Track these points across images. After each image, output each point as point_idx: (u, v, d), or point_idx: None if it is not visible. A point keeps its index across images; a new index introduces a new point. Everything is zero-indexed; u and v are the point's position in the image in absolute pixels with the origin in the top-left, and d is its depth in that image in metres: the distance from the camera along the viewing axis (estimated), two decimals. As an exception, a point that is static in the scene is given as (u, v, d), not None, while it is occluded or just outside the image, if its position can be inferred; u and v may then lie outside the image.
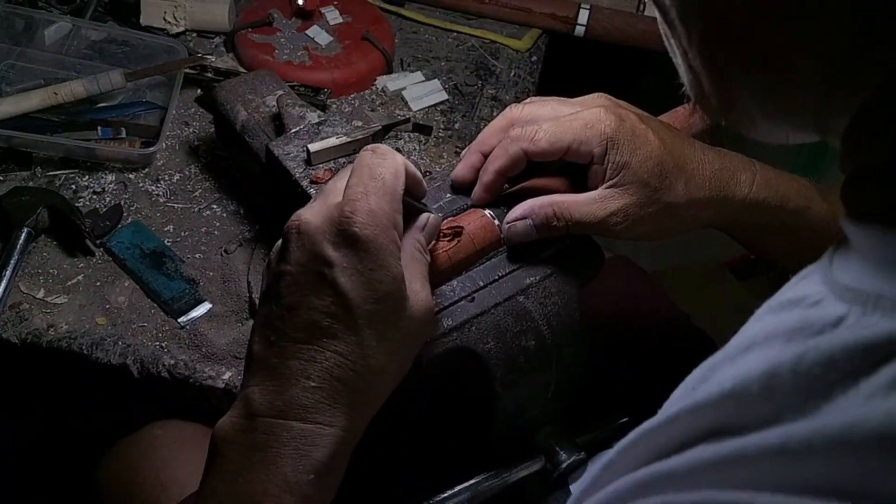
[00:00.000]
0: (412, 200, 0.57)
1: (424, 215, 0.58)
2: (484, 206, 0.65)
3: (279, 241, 0.55)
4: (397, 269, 0.52)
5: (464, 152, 0.70)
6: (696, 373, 0.40)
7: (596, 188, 0.64)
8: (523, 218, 0.63)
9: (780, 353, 0.34)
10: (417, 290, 0.54)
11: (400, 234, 0.54)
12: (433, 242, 0.62)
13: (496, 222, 0.64)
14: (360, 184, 0.53)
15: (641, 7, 1.22)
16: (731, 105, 0.42)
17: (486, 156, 0.67)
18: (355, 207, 0.51)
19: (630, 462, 0.39)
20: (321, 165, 0.78)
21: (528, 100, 0.71)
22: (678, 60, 0.44)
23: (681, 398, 0.39)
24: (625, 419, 0.68)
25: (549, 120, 0.65)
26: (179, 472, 0.78)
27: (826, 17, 0.34)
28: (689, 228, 0.67)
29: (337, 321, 0.50)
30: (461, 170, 0.67)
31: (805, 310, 0.36)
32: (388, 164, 0.54)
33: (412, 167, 0.57)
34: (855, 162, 0.37)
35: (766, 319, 0.38)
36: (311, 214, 0.53)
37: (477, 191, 0.66)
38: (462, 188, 0.67)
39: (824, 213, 0.68)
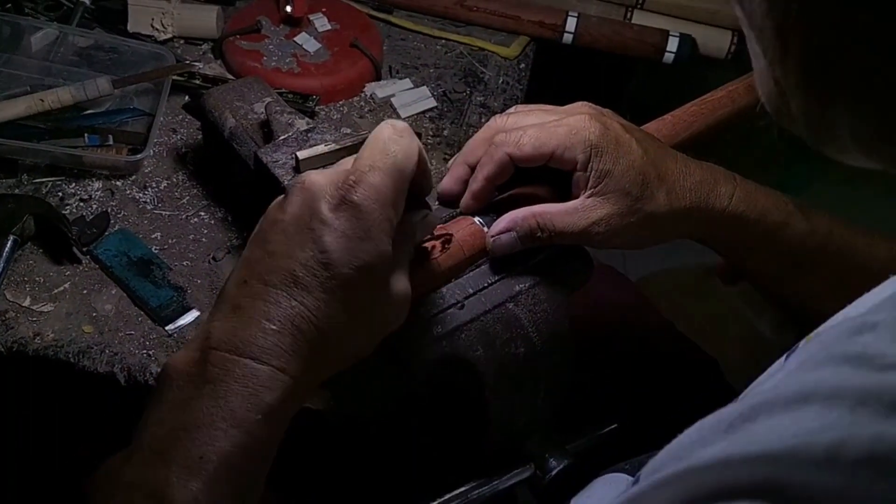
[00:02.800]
0: (416, 192, 0.57)
1: (423, 211, 0.59)
2: (473, 214, 0.65)
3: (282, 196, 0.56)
4: (385, 247, 0.53)
5: (450, 163, 0.70)
6: (731, 409, 0.36)
7: (579, 195, 0.64)
8: (507, 230, 0.64)
9: (849, 422, 0.30)
10: (398, 275, 0.55)
11: (397, 217, 0.54)
12: (424, 246, 0.62)
13: (485, 229, 0.64)
14: (370, 157, 0.54)
15: (629, 15, 1.23)
16: (821, 127, 0.40)
17: (472, 167, 0.67)
18: (360, 178, 0.52)
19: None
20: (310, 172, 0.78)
21: (511, 109, 0.71)
22: (760, 67, 0.42)
23: (711, 438, 0.35)
24: (614, 426, 0.68)
25: (533, 126, 0.65)
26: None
27: None
28: (669, 238, 0.68)
29: (312, 276, 0.51)
30: (448, 182, 0.68)
31: (879, 373, 0.31)
32: (403, 143, 0.55)
33: (425, 157, 0.58)
34: None
35: (826, 372, 0.33)
36: (318, 176, 0.54)
37: (466, 199, 0.66)
38: (450, 201, 0.67)
39: (803, 230, 0.69)
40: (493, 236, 0.64)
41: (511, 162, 0.65)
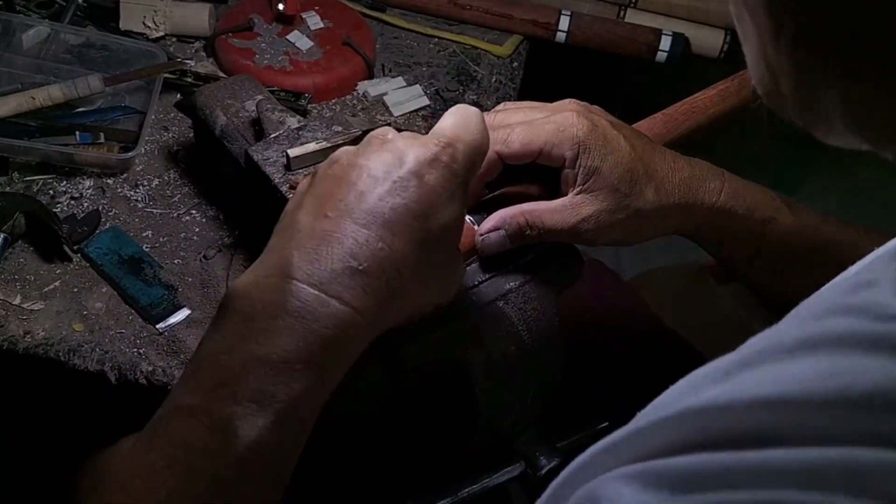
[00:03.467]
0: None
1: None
2: (466, 213, 0.65)
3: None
4: (462, 213, 0.54)
5: None
6: (727, 358, 0.36)
7: (567, 192, 0.65)
8: (496, 229, 0.64)
9: (861, 366, 0.30)
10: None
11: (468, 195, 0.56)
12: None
13: (475, 227, 0.64)
14: (455, 128, 0.55)
15: (622, 14, 1.23)
16: (810, 107, 0.40)
17: None
18: (451, 142, 0.53)
19: (620, 458, 0.35)
20: (301, 171, 0.78)
21: (499, 106, 0.71)
22: (750, 49, 0.42)
23: (705, 385, 0.35)
24: (604, 424, 0.68)
25: (521, 123, 0.65)
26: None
27: None
28: (658, 234, 0.68)
29: (401, 222, 0.50)
30: None
31: (884, 323, 0.32)
32: (483, 128, 0.56)
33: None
34: None
35: (831, 322, 0.33)
36: (399, 136, 0.54)
37: None
38: None
39: (790, 226, 0.69)
40: (481, 235, 0.64)
41: (500, 160, 0.65)
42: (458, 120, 0.55)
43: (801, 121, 0.42)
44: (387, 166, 0.52)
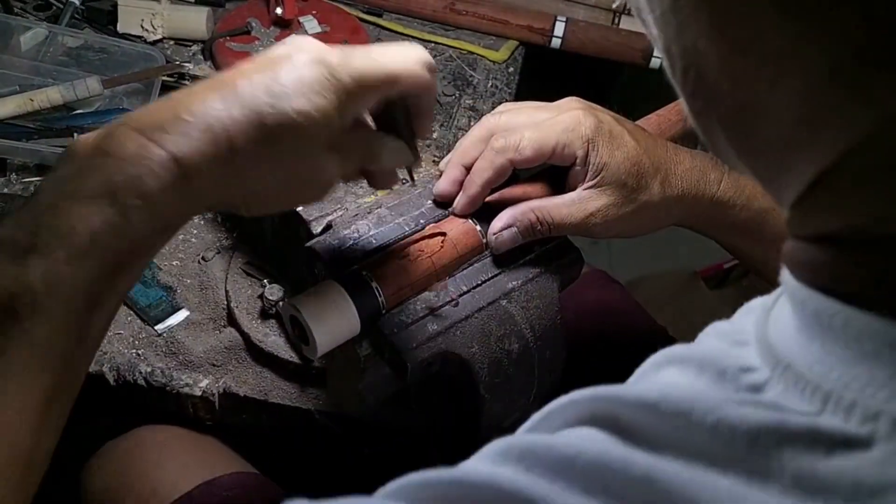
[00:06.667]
0: (405, 124, 0.58)
1: (400, 142, 0.59)
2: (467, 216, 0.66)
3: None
4: (329, 115, 0.51)
5: (443, 163, 0.71)
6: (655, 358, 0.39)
7: (575, 187, 0.66)
8: (508, 227, 0.65)
9: (702, 386, 0.33)
10: (330, 161, 0.53)
11: (355, 114, 0.54)
12: (415, 247, 0.62)
13: (477, 228, 0.65)
14: (376, 50, 0.54)
15: (616, 20, 1.24)
16: (710, 142, 0.40)
17: (468, 168, 0.67)
18: (347, 51, 0.52)
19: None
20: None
21: (501, 107, 0.71)
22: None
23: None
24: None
25: (529, 127, 0.65)
26: (168, 476, 0.78)
27: (784, 84, 0.31)
28: (662, 225, 0.70)
29: (252, 96, 0.49)
30: (445, 185, 0.68)
31: (730, 348, 0.35)
32: (410, 67, 0.54)
33: (429, 100, 0.58)
34: (804, 226, 0.34)
35: (706, 343, 0.37)
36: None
37: (462, 202, 0.67)
38: (445, 202, 0.68)
39: None
40: (494, 234, 0.65)
41: (511, 167, 0.65)
42: (388, 46, 0.55)
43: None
44: (275, 56, 0.52)
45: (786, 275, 0.34)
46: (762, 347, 0.33)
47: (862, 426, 0.28)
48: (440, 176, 0.69)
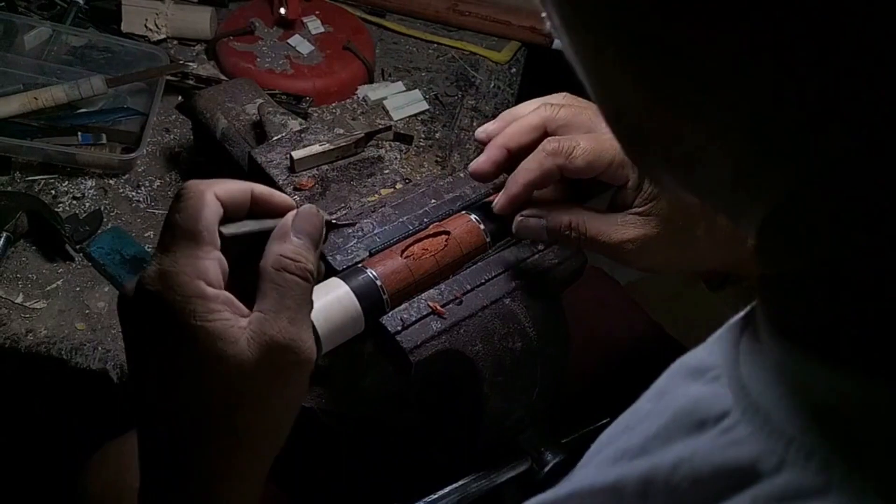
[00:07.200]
0: (255, 226, 0.50)
1: (285, 218, 0.50)
2: (469, 212, 0.66)
3: None
4: (200, 329, 0.43)
5: (480, 132, 0.66)
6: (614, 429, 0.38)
7: (621, 208, 0.61)
8: (538, 216, 0.61)
9: (661, 454, 0.33)
10: (264, 328, 0.45)
11: (212, 281, 0.45)
12: (419, 245, 0.62)
13: (481, 227, 0.65)
14: (159, 242, 0.46)
15: (618, 21, 1.25)
16: (654, 181, 0.38)
17: (510, 152, 0.63)
18: (147, 273, 0.45)
19: None
20: (305, 173, 0.78)
21: (561, 97, 0.65)
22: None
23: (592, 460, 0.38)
24: (606, 420, 0.69)
25: (587, 136, 0.60)
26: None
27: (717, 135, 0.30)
28: (699, 268, 0.65)
29: (166, 400, 0.45)
30: (483, 163, 0.63)
31: (703, 385, 0.34)
32: (186, 206, 0.46)
33: (237, 186, 0.50)
34: (763, 263, 0.34)
35: (676, 393, 0.36)
36: (130, 285, 0.47)
37: (502, 202, 0.63)
38: (480, 178, 0.64)
39: None
40: (521, 216, 0.61)
41: (559, 174, 0.60)
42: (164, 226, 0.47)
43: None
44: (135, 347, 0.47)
45: (757, 307, 0.34)
46: (733, 384, 0.33)
47: (818, 475, 0.28)
48: (477, 155, 0.64)
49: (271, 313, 0.45)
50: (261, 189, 0.51)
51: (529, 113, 0.63)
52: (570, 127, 0.62)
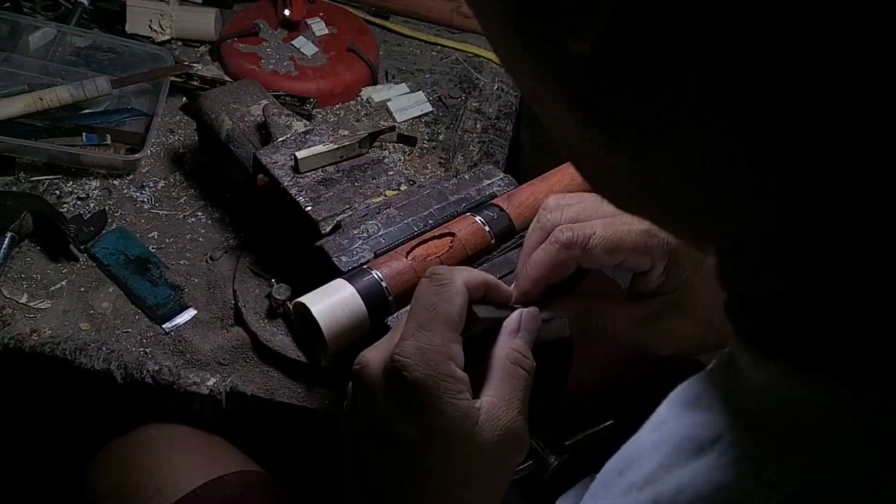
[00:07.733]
0: (491, 312, 0.54)
1: (514, 314, 0.54)
2: (474, 214, 0.66)
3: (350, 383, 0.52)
4: (451, 406, 0.47)
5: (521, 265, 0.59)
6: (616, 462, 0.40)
7: (642, 293, 0.58)
8: (560, 318, 0.58)
9: (665, 482, 0.34)
10: (498, 414, 0.49)
11: (458, 362, 0.49)
12: (423, 247, 0.63)
13: (486, 229, 0.65)
14: (412, 318, 0.50)
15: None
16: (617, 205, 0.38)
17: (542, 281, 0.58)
18: (403, 348, 0.48)
19: None
20: (309, 173, 0.79)
21: (565, 200, 0.59)
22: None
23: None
24: (609, 422, 0.69)
25: (603, 221, 0.55)
26: (174, 474, 0.78)
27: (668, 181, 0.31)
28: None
29: (402, 468, 0.49)
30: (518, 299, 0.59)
31: (699, 414, 0.35)
32: (442, 290, 0.50)
33: (478, 276, 0.53)
34: (731, 283, 0.35)
35: (676, 423, 0.37)
36: (372, 356, 0.50)
37: (515, 295, 0.58)
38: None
39: None
40: (545, 320, 0.57)
41: (574, 266, 0.56)
42: (413, 305, 0.51)
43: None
44: (373, 425, 0.50)
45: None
46: (726, 408, 0.34)
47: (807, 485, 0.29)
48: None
49: (505, 401, 0.50)
50: (493, 280, 0.55)
51: (535, 230, 0.59)
52: (582, 218, 0.57)
